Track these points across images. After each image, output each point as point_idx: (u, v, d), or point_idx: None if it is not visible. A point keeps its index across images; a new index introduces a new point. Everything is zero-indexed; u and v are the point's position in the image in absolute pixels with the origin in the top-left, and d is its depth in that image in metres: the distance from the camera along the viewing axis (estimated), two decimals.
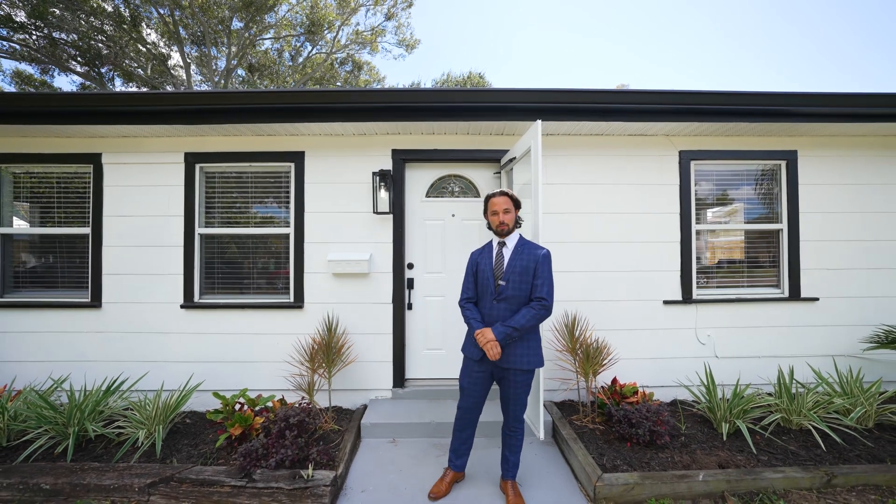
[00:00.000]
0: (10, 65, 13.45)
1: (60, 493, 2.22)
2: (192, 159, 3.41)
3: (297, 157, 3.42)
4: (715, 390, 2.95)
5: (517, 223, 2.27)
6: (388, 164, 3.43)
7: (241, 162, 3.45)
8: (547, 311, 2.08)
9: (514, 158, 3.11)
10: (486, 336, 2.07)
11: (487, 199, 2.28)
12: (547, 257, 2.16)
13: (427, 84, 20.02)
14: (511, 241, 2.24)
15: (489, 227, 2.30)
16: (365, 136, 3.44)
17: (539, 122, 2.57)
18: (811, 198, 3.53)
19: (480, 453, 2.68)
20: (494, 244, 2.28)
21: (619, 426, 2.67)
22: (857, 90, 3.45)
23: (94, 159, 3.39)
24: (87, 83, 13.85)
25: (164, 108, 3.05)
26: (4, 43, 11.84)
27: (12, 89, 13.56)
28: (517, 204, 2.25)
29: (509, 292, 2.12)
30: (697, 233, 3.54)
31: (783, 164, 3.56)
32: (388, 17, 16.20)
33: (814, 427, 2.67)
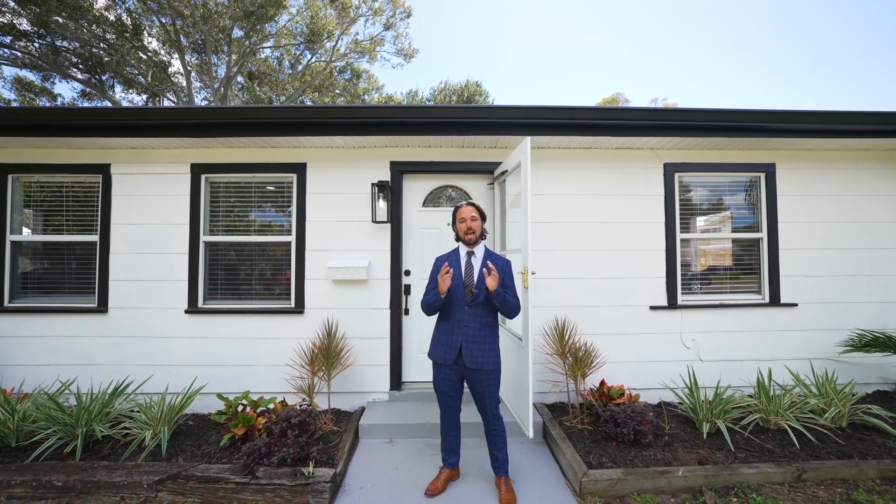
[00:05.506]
0: (10, 71, 13.51)
1: (72, 490, 2.33)
2: (197, 170, 3.55)
3: (300, 169, 3.57)
4: (697, 392, 3.10)
5: (482, 235, 2.42)
6: (386, 176, 3.58)
7: (245, 173, 3.60)
8: (520, 308, 2.36)
9: (507, 171, 3.27)
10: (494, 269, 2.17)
11: (456, 209, 2.42)
12: (510, 265, 2.40)
13: (425, 92, 20.32)
14: (479, 251, 2.39)
15: (457, 239, 2.44)
16: (364, 148, 3.60)
17: (528, 138, 2.73)
18: (789, 208, 3.71)
19: (474, 452, 2.80)
20: (462, 253, 2.40)
21: (605, 426, 2.81)
22: (833, 109, 3.67)
23: (104, 169, 3.52)
24: (88, 90, 14.00)
25: (172, 122, 3.19)
26: (6, 50, 11.99)
27: (13, 96, 13.68)
28: (483, 216, 2.41)
29: (482, 298, 2.28)
30: (682, 241, 3.71)
31: (762, 176, 3.74)
32: (387, 27, 16.52)
33: (790, 426, 2.82)
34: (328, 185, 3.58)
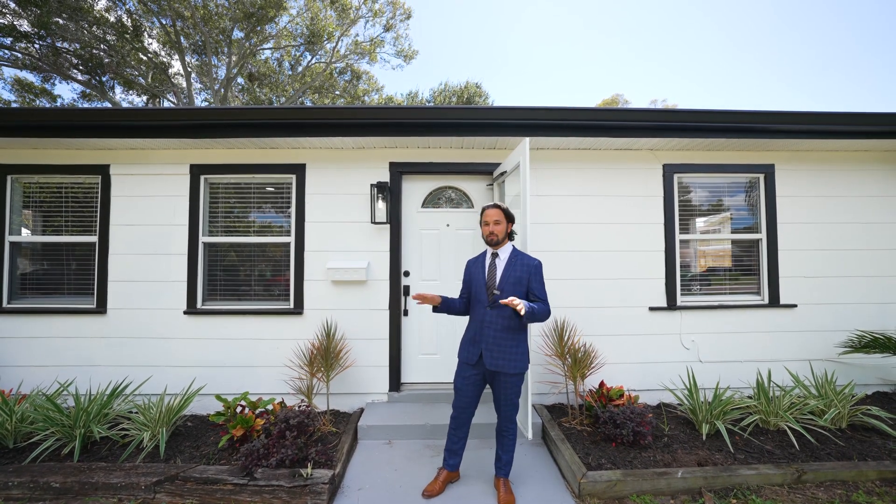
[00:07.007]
0: (10, 72, 13.52)
1: (69, 492, 2.32)
2: (197, 171, 3.55)
3: (299, 169, 3.58)
4: (697, 393, 3.09)
5: (510, 236, 2.42)
6: (385, 177, 3.58)
7: (244, 173, 3.60)
8: (550, 311, 2.28)
9: (506, 172, 3.27)
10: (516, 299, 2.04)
11: (483, 210, 2.43)
12: (539, 267, 2.34)
13: (425, 94, 20.34)
14: (504, 252, 2.38)
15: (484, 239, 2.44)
16: (364, 149, 3.60)
17: (527, 139, 2.74)
18: (788, 209, 3.71)
19: (473, 454, 2.80)
20: (488, 254, 2.42)
21: (604, 427, 2.80)
22: (833, 109, 3.68)
23: (103, 170, 3.52)
24: (88, 91, 14.01)
25: (171, 123, 3.19)
26: (6, 51, 12.00)
27: (12, 97, 13.69)
28: (509, 217, 2.38)
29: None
30: (681, 242, 3.71)
31: (762, 176, 3.74)
32: (387, 29, 16.55)
33: (789, 427, 2.81)
34: (327, 185, 3.58)
